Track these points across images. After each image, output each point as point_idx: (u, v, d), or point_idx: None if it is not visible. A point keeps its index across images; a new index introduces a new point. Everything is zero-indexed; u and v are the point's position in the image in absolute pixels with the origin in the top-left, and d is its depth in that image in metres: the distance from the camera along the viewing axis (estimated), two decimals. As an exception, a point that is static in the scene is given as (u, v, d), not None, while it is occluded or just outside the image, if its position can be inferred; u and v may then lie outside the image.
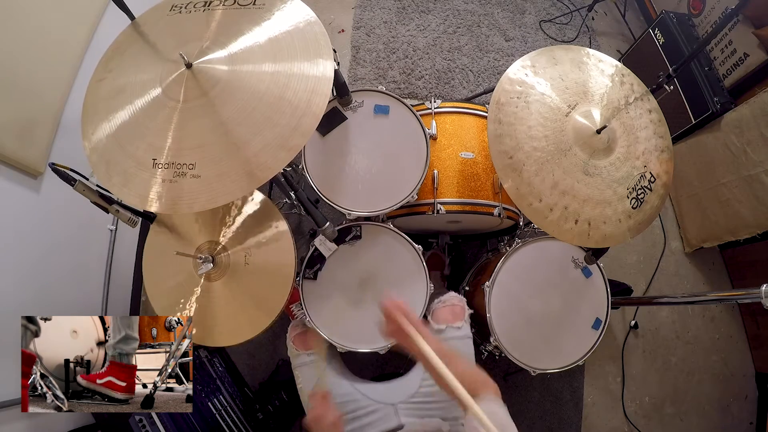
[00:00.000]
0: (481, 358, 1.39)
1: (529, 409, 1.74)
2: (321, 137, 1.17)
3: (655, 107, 1.12)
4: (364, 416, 1.06)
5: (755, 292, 0.86)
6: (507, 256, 1.22)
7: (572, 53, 1.11)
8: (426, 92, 2.08)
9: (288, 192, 1.44)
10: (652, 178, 1.05)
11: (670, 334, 1.93)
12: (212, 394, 1.48)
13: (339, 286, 1.18)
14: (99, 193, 0.93)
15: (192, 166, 0.79)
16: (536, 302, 1.22)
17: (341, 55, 2.10)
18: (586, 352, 1.21)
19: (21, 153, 1.14)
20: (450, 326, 1.13)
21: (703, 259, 2.03)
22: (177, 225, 1.09)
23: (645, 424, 1.81)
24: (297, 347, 1.15)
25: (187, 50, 0.84)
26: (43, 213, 1.24)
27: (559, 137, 1.01)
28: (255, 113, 0.81)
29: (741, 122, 1.67)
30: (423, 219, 1.32)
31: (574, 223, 0.99)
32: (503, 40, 2.24)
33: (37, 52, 1.19)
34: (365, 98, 1.20)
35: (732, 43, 1.81)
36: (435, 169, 1.25)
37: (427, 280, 1.17)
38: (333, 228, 1.07)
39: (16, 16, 1.14)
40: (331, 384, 1.11)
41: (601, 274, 1.26)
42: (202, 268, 0.99)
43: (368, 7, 2.21)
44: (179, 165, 0.79)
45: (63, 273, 1.34)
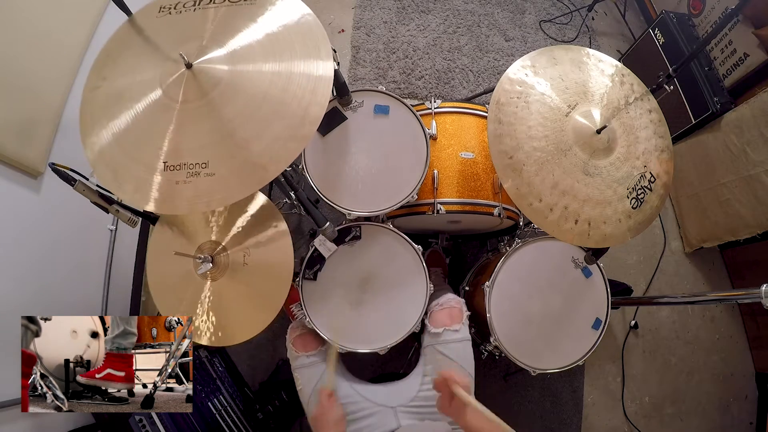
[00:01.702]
0: (481, 358, 1.39)
1: (529, 409, 1.74)
2: (321, 137, 1.17)
3: (655, 107, 1.12)
4: (363, 418, 1.06)
5: (755, 292, 0.85)
6: (507, 256, 1.22)
7: (572, 53, 1.11)
8: (426, 92, 2.08)
9: (288, 192, 1.44)
10: (652, 178, 1.05)
11: (670, 334, 1.93)
12: (212, 394, 1.48)
13: (339, 286, 1.17)
14: (99, 193, 0.93)
15: (205, 165, 0.78)
16: (536, 302, 1.22)
17: (341, 55, 2.10)
18: (586, 352, 1.21)
19: (21, 153, 1.14)
20: (447, 329, 1.12)
21: (703, 259, 2.03)
22: (180, 225, 1.08)
23: (645, 424, 1.81)
24: (297, 349, 1.14)
25: (185, 49, 0.83)
26: (43, 213, 1.24)
27: (559, 137, 1.01)
28: (261, 109, 0.81)
29: (741, 122, 1.67)
30: (423, 219, 1.32)
31: (574, 223, 0.99)
32: (503, 40, 2.24)
33: (37, 52, 1.19)
34: (365, 98, 1.20)
35: (732, 43, 1.81)
36: (435, 169, 1.25)
37: (426, 281, 1.17)
38: (333, 228, 1.07)
39: (16, 16, 1.14)
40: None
41: (601, 274, 1.26)
42: (201, 268, 0.99)
43: (368, 7, 2.21)
44: (192, 165, 0.79)
45: (63, 273, 1.34)
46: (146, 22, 0.95)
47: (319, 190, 1.15)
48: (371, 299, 1.18)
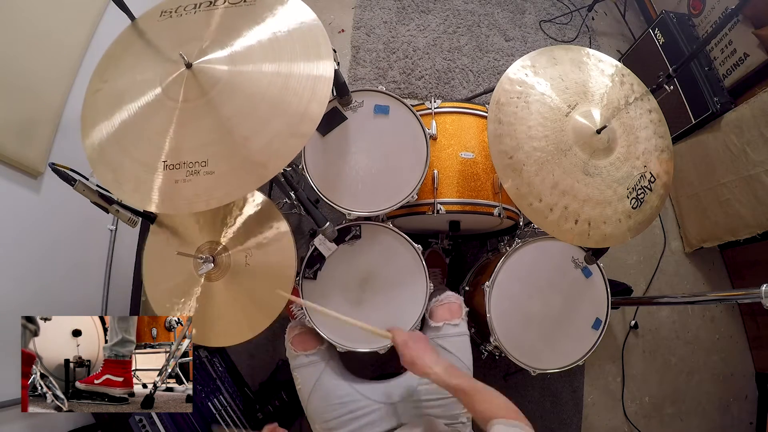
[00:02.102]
0: (481, 358, 1.39)
1: (529, 409, 1.73)
2: (321, 137, 1.17)
3: (655, 107, 1.12)
4: (363, 416, 1.06)
5: (755, 292, 0.85)
6: (507, 256, 1.22)
7: (572, 53, 1.11)
8: (426, 92, 2.08)
9: (288, 192, 1.44)
10: (652, 178, 1.05)
11: (670, 334, 1.93)
12: (212, 394, 1.48)
13: (339, 285, 1.17)
14: (99, 193, 0.93)
15: (205, 163, 0.78)
16: (536, 302, 1.22)
17: (341, 55, 2.10)
18: (586, 352, 1.21)
19: (21, 153, 1.14)
20: (447, 323, 1.15)
21: (703, 259, 2.03)
22: (178, 225, 1.08)
23: (645, 424, 1.81)
24: (296, 348, 1.15)
25: (186, 50, 0.84)
26: (43, 213, 1.24)
27: (559, 137, 1.01)
28: (260, 107, 0.81)
29: (741, 122, 1.67)
30: (423, 219, 1.32)
31: (574, 223, 0.99)
32: (503, 40, 2.24)
33: (37, 52, 1.19)
34: (365, 98, 1.20)
35: (732, 43, 1.81)
36: (435, 169, 1.25)
37: (426, 280, 1.17)
38: (333, 228, 1.07)
39: (16, 16, 1.14)
40: (330, 384, 1.11)
41: (601, 274, 1.26)
42: (202, 268, 0.99)
43: (368, 7, 2.21)
44: (191, 163, 0.79)
45: (63, 273, 1.34)
46: (148, 26, 0.95)
47: (319, 190, 1.15)
48: (371, 298, 1.18)
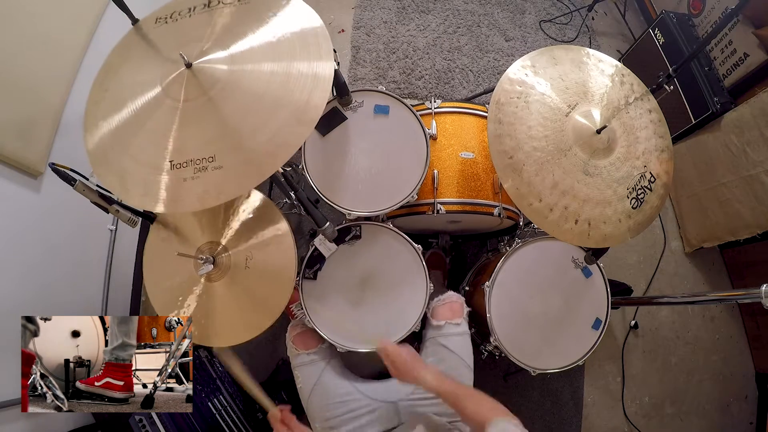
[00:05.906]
0: (481, 358, 1.39)
1: (529, 409, 1.74)
2: (321, 137, 1.17)
3: (655, 107, 1.12)
4: (364, 415, 1.06)
5: (755, 292, 0.86)
6: (507, 256, 1.22)
7: (572, 53, 1.11)
8: (426, 92, 2.08)
9: (288, 192, 1.44)
10: (652, 178, 1.05)
11: (670, 334, 1.93)
12: (212, 394, 1.48)
13: (339, 285, 1.17)
14: (99, 193, 0.93)
15: (212, 158, 0.78)
16: (536, 302, 1.22)
17: (341, 55, 2.10)
18: (586, 352, 1.21)
19: (21, 153, 1.14)
20: (449, 322, 1.15)
21: (703, 259, 2.03)
22: (178, 225, 1.08)
23: (645, 424, 1.81)
24: (297, 347, 1.15)
25: (186, 51, 0.84)
26: (43, 213, 1.24)
27: (559, 137, 1.01)
28: (263, 100, 0.81)
29: (741, 122, 1.67)
30: (423, 219, 1.32)
31: (574, 223, 0.99)
32: (503, 40, 2.24)
33: (37, 52, 1.19)
34: (365, 98, 1.20)
35: (732, 43, 1.81)
36: (435, 169, 1.25)
37: (427, 280, 1.17)
38: (333, 228, 1.07)
39: (16, 16, 1.14)
40: (331, 383, 1.11)
41: (601, 274, 1.26)
42: (202, 268, 0.99)
43: (368, 7, 2.21)
44: (198, 160, 0.79)
45: (63, 273, 1.34)
46: (147, 30, 0.96)
47: (319, 190, 1.15)
48: (371, 298, 1.18)
